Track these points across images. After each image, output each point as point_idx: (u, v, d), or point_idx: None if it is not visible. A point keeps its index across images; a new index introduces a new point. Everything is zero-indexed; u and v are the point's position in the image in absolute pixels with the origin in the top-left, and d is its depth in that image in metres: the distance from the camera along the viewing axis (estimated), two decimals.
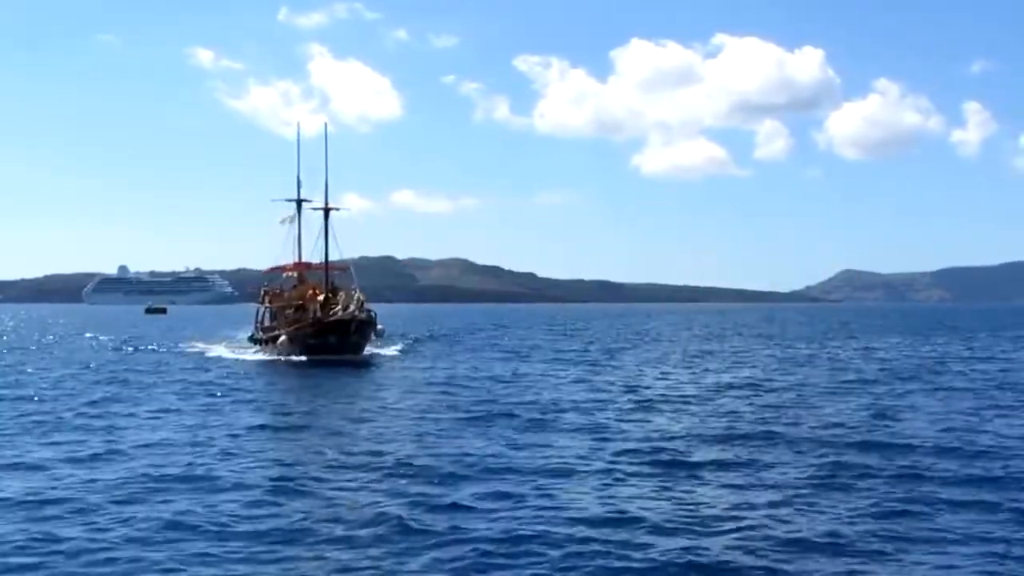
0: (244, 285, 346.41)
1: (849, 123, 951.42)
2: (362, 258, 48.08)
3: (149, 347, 56.64)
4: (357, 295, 43.49)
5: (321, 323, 42.66)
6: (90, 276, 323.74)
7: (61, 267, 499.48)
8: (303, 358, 42.03)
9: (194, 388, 30.31)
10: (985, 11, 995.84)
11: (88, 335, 73.97)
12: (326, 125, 50.35)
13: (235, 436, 19.60)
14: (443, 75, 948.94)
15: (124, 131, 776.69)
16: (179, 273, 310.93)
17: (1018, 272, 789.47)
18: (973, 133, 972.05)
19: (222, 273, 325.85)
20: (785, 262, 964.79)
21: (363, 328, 43.52)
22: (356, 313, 42.48)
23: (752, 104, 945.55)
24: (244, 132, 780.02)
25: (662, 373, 36.11)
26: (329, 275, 48.59)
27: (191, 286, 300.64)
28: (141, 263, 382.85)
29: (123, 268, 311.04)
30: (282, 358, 42.98)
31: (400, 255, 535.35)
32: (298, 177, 50.46)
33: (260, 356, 46.03)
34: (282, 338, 43.66)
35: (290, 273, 51.17)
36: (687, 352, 50.81)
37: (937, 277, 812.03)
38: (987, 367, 39.10)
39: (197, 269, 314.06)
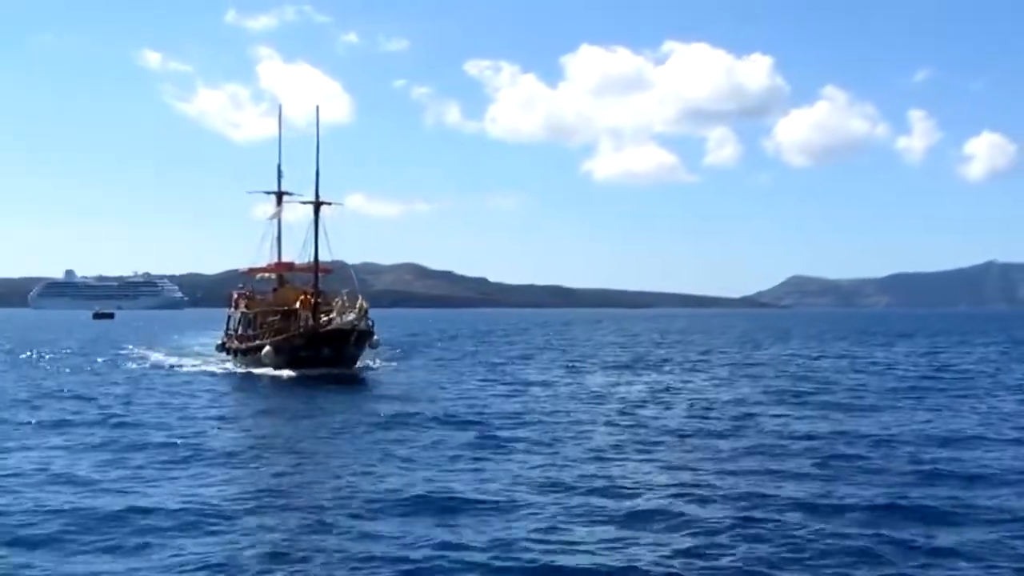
0: (194, 290, 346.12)
1: (797, 130, 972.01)
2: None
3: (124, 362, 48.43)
4: (360, 301, 38.68)
5: (315, 332, 38.43)
6: (36, 280, 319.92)
7: (5, 271, 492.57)
8: (290, 372, 37.55)
9: (158, 410, 25.86)
10: (928, 21, 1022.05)
11: None
12: (318, 109, 44.63)
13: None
14: (394, 79, 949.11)
15: (71, 133, 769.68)
16: (127, 278, 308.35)
17: (962, 278, 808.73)
18: (918, 140, 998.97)
19: (171, 277, 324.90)
20: (736, 268, 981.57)
21: (362, 339, 39.30)
22: (356, 322, 38.14)
23: (702, 110, 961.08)
24: (193, 135, 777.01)
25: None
26: (309, 278, 43.38)
27: (139, 291, 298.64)
28: (88, 267, 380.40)
29: (70, 272, 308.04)
30: (265, 371, 38.51)
31: (351, 260, 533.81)
32: (279, 167, 46.65)
33: (235, 368, 41.80)
34: (266, 349, 39.10)
35: (266, 275, 46.55)
36: None
37: (884, 283, 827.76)
38: None
39: (146, 274, 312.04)
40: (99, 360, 48.87)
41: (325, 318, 38.69)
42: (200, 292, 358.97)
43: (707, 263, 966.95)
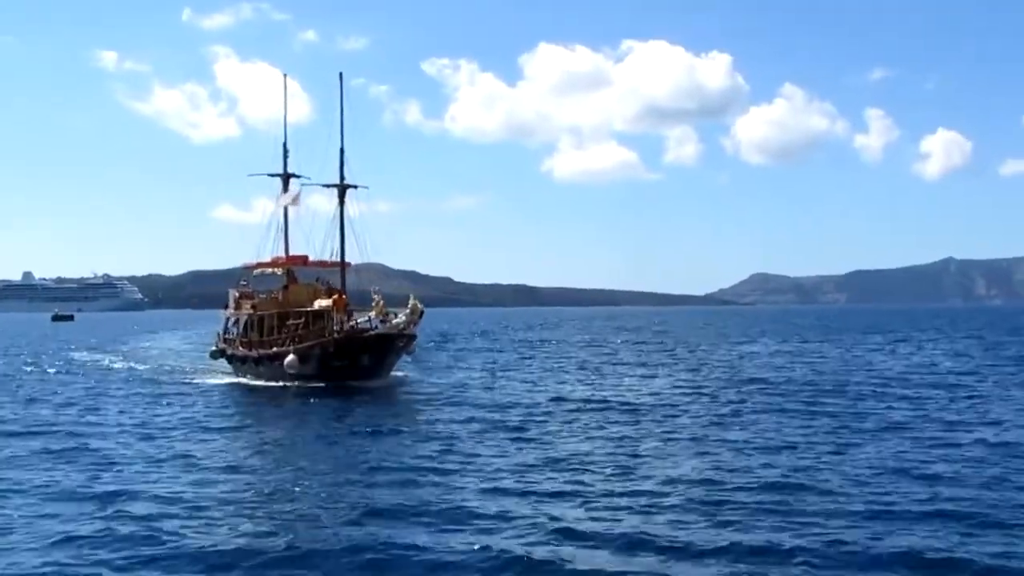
0: (155, 291, 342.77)
1: (756, 128, 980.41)
2: None
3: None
4: (412, 301, 34.09)
5: (354, 338, 33.84)
6: None
7: None
8: (318, 384, 33.05)
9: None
10: (883, 20, 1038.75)
11: None
12: (341, 76, 39.98)
13: None
14: (352, 78, 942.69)
15: (27, 134, 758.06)
16: (86, 279, 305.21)
17: (920, 275, 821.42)
18: (875, 138, 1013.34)
19: (131, 279, 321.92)
20: (699, 265, 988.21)
21: (406, 346, 35.51)
22: (406, 325, 33.89)
23: (662, 108, 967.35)
24: (150, 135, 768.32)
25: None
26: (323, 275, 39.76)
27: (99, 292, 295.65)
28: (47, 269, 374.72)
29: (28, 274, 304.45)
30: (279, 383, 34.24)
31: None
32: (284, 145, 41.53)
33: (242, 380, 36.95)
34: (290, 357, 33.92)
35: (273, 271, 40.81)
36: None
37: (844, 280, 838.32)
38: None
39: (105, 275, 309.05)
40: (73, 373, 42.88)
41: (361, 320, 34.70)
42: (160, 293, 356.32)
43: (670, 261, 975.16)
